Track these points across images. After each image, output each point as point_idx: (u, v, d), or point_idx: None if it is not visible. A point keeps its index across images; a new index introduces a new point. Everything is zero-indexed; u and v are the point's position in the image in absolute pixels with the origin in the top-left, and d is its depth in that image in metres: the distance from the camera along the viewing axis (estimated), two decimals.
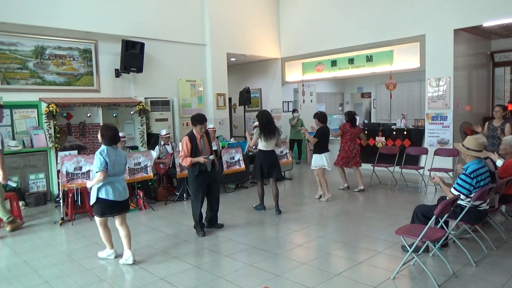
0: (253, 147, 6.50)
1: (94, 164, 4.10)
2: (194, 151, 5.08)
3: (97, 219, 4.30)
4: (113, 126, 4.29)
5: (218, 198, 5.40)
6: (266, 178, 6.20)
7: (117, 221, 4.29)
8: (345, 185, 7.64)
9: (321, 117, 6.82)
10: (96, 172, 4.07)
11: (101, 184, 4.11)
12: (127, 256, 4.24)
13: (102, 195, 4.13)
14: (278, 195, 6.19)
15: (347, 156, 7.35)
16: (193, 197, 5.21)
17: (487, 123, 6.94)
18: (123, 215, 4.31)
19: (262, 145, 6.06)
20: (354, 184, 7.57)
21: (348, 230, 5.25)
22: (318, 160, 6.74)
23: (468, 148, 4.02)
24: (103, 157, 4.04)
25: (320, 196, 6.93)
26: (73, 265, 4.30)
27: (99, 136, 4.20)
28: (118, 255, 4.37)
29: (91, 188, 4.20)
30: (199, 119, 5.12)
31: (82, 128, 7.76)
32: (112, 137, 4.16)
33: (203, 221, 5.29)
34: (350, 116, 7.43)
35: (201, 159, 5.03)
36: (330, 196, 6.80)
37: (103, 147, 4.12)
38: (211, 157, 5.16)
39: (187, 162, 5.03)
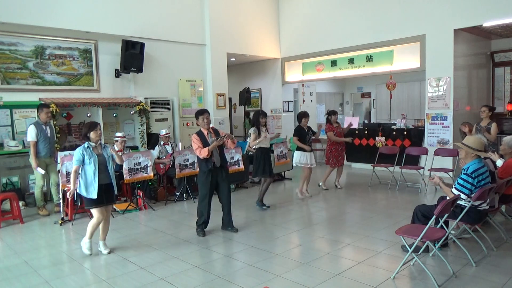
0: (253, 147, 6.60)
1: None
2: (204, 145, 5.06)
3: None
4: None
5: (228, 198, 5.26)
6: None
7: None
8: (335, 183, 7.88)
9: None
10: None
11: None
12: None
13: None
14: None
15: (331, 156, 7.59)
16: (201, 196, 5.14)
17: (475, 124, 6.96)
18: None
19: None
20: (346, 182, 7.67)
21: (348, 230, 5.26)
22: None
23: (473, 148, 4.02)
24: None
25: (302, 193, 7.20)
26: (73, 265, 4.31)
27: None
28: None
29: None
30: (199, 111, 5.24)
31: (82, 128, 7.74)
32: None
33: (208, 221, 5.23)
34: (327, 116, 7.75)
35: (213, 144, 5.02)
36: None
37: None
38: (219, 138, 5.08)
39: (204, 152, 4.98)
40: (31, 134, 6.07)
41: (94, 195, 4.36)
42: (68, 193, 4.51)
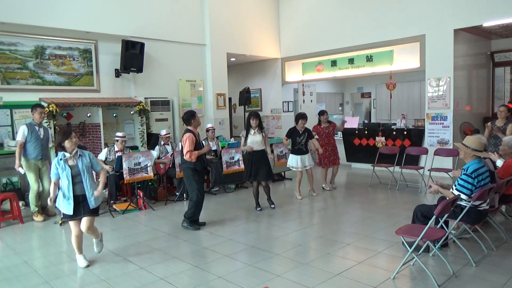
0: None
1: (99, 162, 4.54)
2: (198, 146, 5.36)
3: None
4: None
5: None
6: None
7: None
8: (322, 185, 7.73)
9: None
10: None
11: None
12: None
13: None
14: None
15: (323, 157, 7.50)
16: (196, 190, 5.34)
17: (489, 123, 6.92)
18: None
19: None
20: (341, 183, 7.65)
21: (348, 230, 5.26)
22: None
23: (471, 148, 4.02)
24: None
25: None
26: (73, 265, 4.30)
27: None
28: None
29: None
30: (192, 113, 5.45)
31: (82, 128, 7.75)
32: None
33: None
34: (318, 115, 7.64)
35: (205, 149, 5.43)
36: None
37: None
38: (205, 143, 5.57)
39: (195, 155, 5.23)
40: (20, 134, 5.99)
41: (69, 210, 4.04)
42: (48, 200, 4.12)
